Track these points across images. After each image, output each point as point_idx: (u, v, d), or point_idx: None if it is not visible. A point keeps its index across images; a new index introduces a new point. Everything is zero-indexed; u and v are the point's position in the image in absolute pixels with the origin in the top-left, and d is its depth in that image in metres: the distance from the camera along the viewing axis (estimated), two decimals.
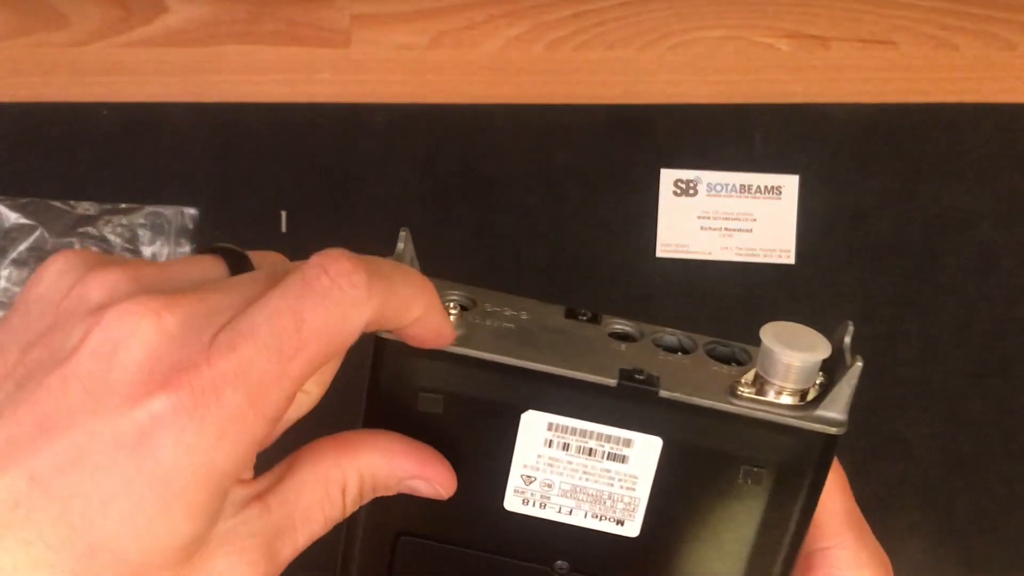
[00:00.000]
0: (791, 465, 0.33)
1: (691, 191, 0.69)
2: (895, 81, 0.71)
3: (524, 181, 0.69)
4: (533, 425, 0.32)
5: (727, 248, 0.68)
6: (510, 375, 0.31)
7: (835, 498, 0.36)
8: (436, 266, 0.70)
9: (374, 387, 0.33)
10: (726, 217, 0.69)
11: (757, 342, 0.34)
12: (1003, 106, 0.71)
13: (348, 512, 0.33)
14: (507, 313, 0.33)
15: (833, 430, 0.32)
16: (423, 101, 0.70)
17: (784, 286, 0.68)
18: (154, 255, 0.68)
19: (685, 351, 0.34)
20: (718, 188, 0.69)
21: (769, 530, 0.34)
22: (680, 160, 0.69)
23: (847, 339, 0.33)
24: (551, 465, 0.33)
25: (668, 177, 0.69)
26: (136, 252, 0.68)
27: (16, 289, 0.68)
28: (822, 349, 0.31)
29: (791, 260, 0.68)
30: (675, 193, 0.69)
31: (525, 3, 0.72)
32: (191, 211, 0.69)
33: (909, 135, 0.70)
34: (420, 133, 0.69)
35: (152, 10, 0.71)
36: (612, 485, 0.33)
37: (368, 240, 0.69)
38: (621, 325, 0.35)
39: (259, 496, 0.31)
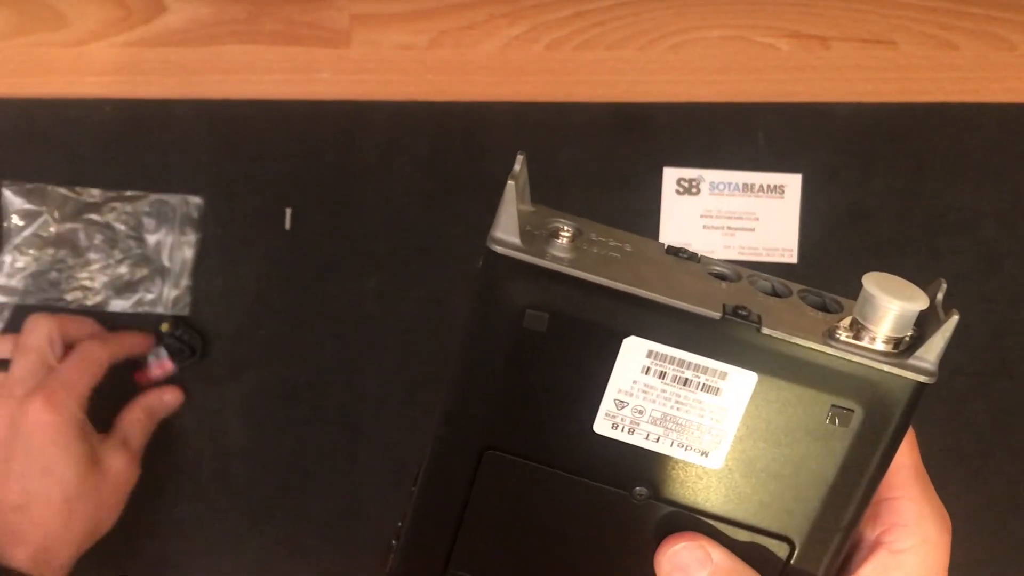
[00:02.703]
0: (879, 409, 0.34)
1: (694, 190, 0.69)
2: (895, 81, 0.71)
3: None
4: (633, 351, 0.33)
5: (730, 247, 0.68)
6: (617, 300, 0.32)
7: (904, 451, 0.37)
8: (438, 264, 0.70)
9: (483, 300, 0.33)
10: (729, 216, 0.69)
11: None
12: (1004, 106, 0.71)
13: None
14: (612, 244, 0.34)
15: (924, 378, 0.33)
16: (423, 101, 0.70)
17: None
18: (158, 243, 0.68)
19: (779, 296, 0.35)
20: (721, 187, 0.69)
21: (848, 472, 0.35)
22: (683, 159, 0.69)
23: (940, 295, 0.34)
24: (645, 392, 0.34)
25: (671, 176, 0.69)
26: (140, 239, 0.68)
27: (16, 280, 0.68)
28: (921, 300, 0.33)
29: (794, 259, 0.68)
30: (678, 192, 0.69)
31: (525, 3, 0.72)
32: (196, 199, 0.68)
33: (911, 135, 0.70)
34: (422, 130, 0.69)
35: (152, 10, 0.71)
36: (702, 416, 0.34)
37: (370, 237, 0.69)
38: (719, 266, 0.36)
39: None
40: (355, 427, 0.69)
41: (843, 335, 0.33)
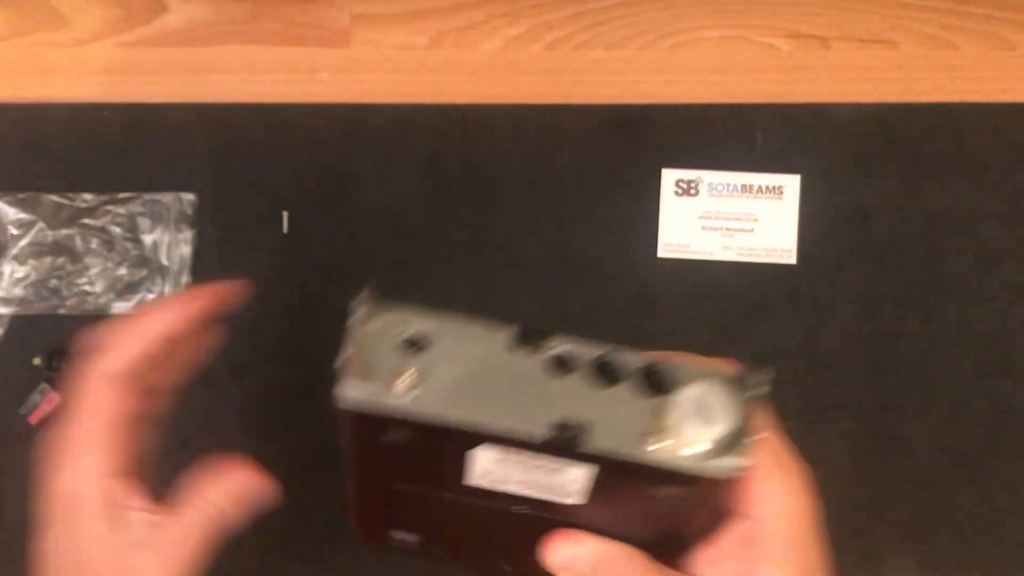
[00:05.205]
0: (701, 489, 0.38)
1: (692, 191, 0.69)
2: (895, 81, 0.71)
3: (525, 181, 0.69)
4: (484, 454, 0.38)
5: (729, 248, 0.68)
6: (458, 430, 0.36)
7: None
8: (438, 266, 0.70)
9: (345, 431, 0.39)
10: (727, 217, 0.69)
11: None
12: (1004, 106, 0.71)
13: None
14: (456, 354, 0.37)
15: (735, 475, 0.36)
16: (423, 101, 0.70)
17: (785, 286, 0.68)
18: (155, 242, 0.68)
19: (617, 379, 0.38)
20: (719, 188, 0.69)
21: (681, 517, 0.41)
22: (681, 160, 0.69)
23: (756, 392, 0.37)
24: (505, 469, 0.38)
25: (669, 177, 0.69)
26: (137, 241, 0.68)
27: (16, 290, 0.68)
28: (723, 422, 0.36)
29: (792, 260, 0.68)
30: (676, 193, 0.69)
31: (525, 3, 0.72)
32: (188, 196, 0.69)
33: (910, 135, 0.70)
34: (421, 133, 0.69)
35: (152, 10, 0.71)
36: (558, 480, 0.39)
37: (369, 239, 0.69)
38: (563, 346, 0.38)
39: (160, 522, 0.47)
40: None
41: (655, 444, 0.36)
